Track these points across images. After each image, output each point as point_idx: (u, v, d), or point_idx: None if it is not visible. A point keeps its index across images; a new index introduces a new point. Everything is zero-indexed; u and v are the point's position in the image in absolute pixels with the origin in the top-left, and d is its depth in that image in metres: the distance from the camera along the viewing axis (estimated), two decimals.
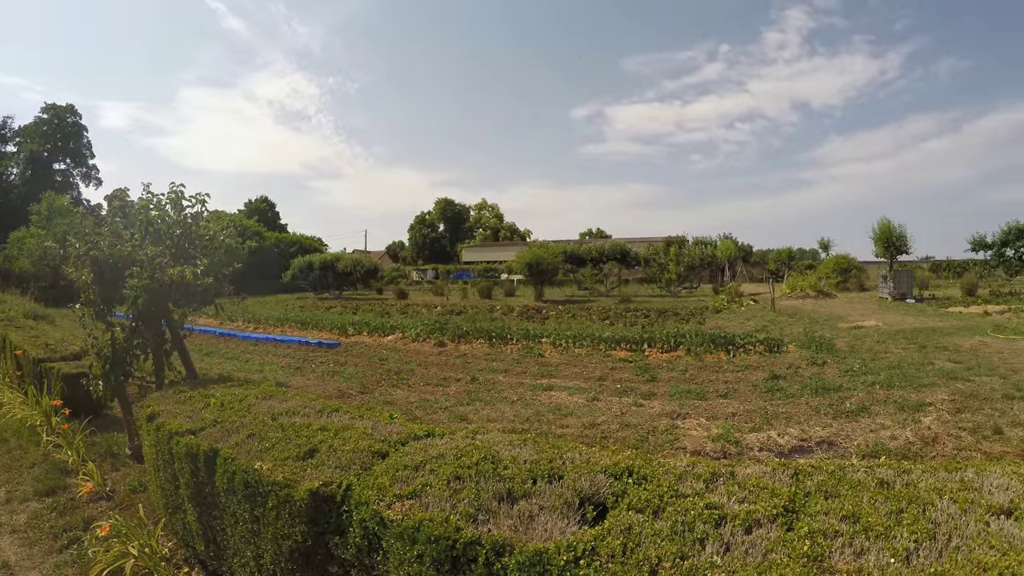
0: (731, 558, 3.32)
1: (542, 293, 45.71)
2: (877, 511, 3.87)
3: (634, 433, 10.93)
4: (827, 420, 11.74)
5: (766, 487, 4.17)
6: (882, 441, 10.51)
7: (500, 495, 4.16)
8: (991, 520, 3.91)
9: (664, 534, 3.52)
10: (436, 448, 5.12)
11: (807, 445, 10.51)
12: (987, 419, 11.70)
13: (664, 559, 3.29)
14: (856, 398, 13.28)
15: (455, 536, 3.75)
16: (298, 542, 4.89)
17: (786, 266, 71.91)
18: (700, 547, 3.43)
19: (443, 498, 4.16)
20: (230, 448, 5.78)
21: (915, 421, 11.59)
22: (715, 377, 15.82)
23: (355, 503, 4.52)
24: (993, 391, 13.90)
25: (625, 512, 3.84)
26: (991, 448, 10.28)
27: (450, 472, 4.52)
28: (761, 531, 3.62)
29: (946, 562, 3.37)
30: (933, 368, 16.48)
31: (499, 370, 17.28)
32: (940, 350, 19.50)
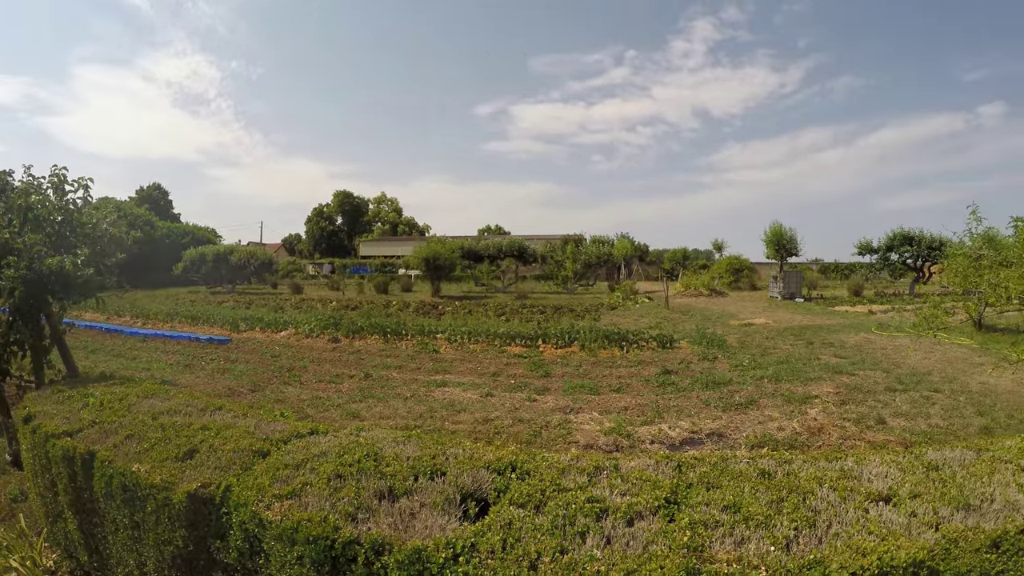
0: (611, 551, 3.29)
1: (439, 289, 45.40)
2: (758, 501, 3.91)
3: (527, 428, 10.92)
4: (717, 413, 11.95)
5: (649, 479, 4.17)
6: (770, 432, 10.75)
7: (381, 493, 4.07)
8: (870, 507, 3.98)
9: (545, 528, 3.48)
10: (319, 446, 4.99)
11: (697, 437, 10.65)
12: (870, 410, 12.15)
13: (544, 554, 3.24)
14: (745, 391, 13.59)
15: (334, 536, 3.64)
16: (180, 548, 4.70)
17: (681, 265, 73.11)
18: (581, 540, 3.40)
19: (323, 497, 4.04)
20: (108, 450, 5.53)
21: (802, 413, 11.92)
22: (608, 372, 15.93)
23: (234, 505, 4.36)
24: (876, 384, 14.38)
25: (507, 507, 3.79)
26: (874, 437, 10.60)
27: (331, 470, 4.40)
28: (643, 523, 3.61)
29: (825, 548, 3.42)
30: (820, 363, 16.97)
31: (393, 366, 17.11)
32: (826, 346, 20.10)
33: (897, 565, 3.42)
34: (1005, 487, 4.52)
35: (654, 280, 66.39)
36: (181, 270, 53.34)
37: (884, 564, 3.38)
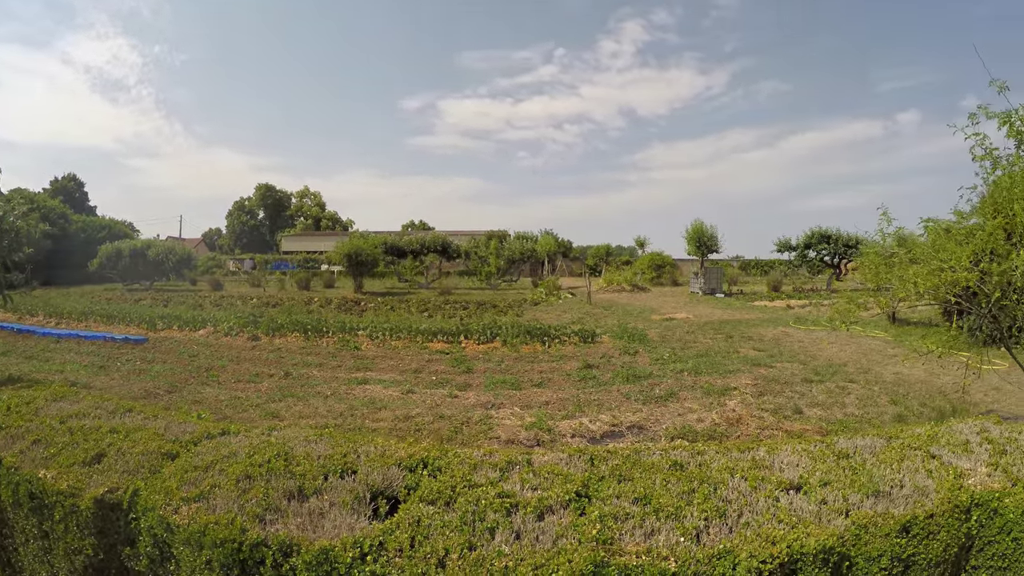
0: (520, 546, 3.27)
1: (361, 285, 44.89)
2: (669, 492, 3.92)
3: (448, 424, 10.86)
4: (637, 406, 12.03)
5: (561, 473, 4.16)
6: (689, 424, 10.86)
7: (291, 493, 4.00)
8: (781, 495, 4.03)
9: (454, 525, 3.44)
10: (229, 447, 4.88)
11: (618, 430, 10.69)
12: (788, 401, 12.41)
13: (452, 550, 3.21)
14: (665, 384, 13.72)
15: (241, 538, 3.56)
16: (90, 556, 4.54)
17: (604, 262, 73.75)
18: (490, 536, 3.37)
19: (231, 499, 3.95)
20: (14, 456, 5.32)
21: (721, 404, 12.08)
22: (530, 367, 15.94)
23: (142, 509, 4.23)
24: (793, 375, 14.67)
25: (417, 504, 3.75)
26: (792, 427, 10.79)
27: (240, 471, 4.30)
28: (553, 517, 3.60)
29: (735, 538, 3.44)
30: (739, 356, 17.24)
31: (314, 364, 16.86)
32: (745, 340, 20.46)
33: (807, 552, 3.46)
34: (914, 473, 4.62)
35: (578, 276, 66.71)
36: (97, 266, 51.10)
37: (794, 552, 3.43)
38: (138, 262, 50.94)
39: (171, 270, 53.46)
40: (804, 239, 52.23)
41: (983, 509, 4.53)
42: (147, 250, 51.33)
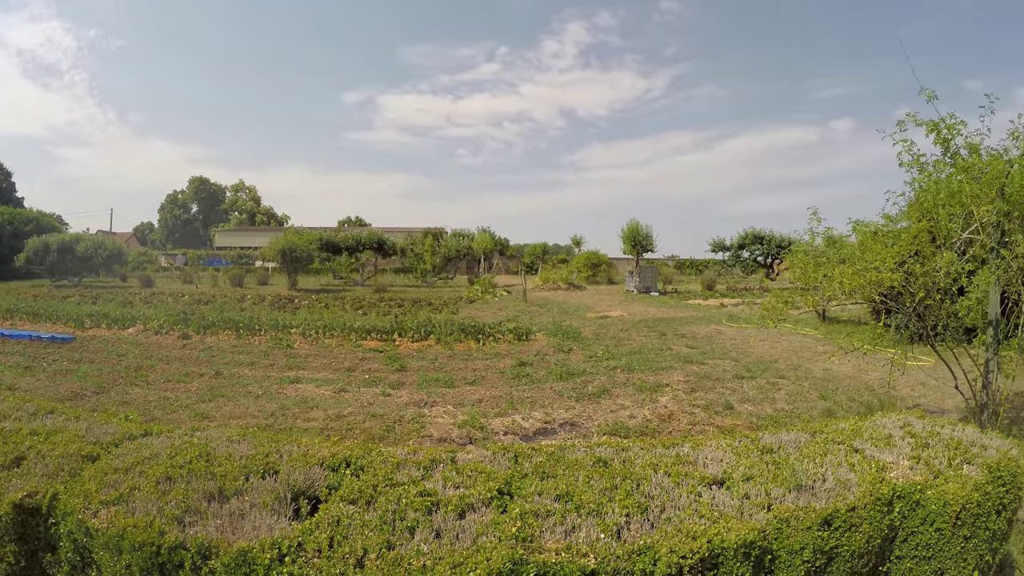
0: (440, 545, 3.25)
1: (296, 282, 44.35)
2: (592, 489, 3.93)
3: (380, 423, 10.77)
4: (571, 403, 12.07)
5: (484, 471, 4.15)
6: (622, 420, 10.91)
7: (211, 494, 3.92)
8: (703, 491, 4.07)
9: (373, 524, 3.41)
10: (151, 448, 4.78)
11: (551, 427, 10.70)
12: (719, 397, 12.60)
13: (371, 550, 3.17)
14: (598, 381, 13.79)
15: (160, 541, 3.48)
16: (11, 564, 4.40)
17: (541, 260, 74.17)
18: (409, 535, 3.34)
19: (150, 501, 3.86)
20: None
21: (653, 401, 12.18)
22: (464, 365, 15.89)
23: (62, 514, 4.11)
24: (725, 372, 14.88)
25: (337, 504, 3.70)
26: (723, 422, 10.92)
27: (161, 473, 4.21)
28: (475, 515, 3.58)
29: (656, 534, 3.46)
30: (671, 353, 17.42)
31: (246, 363, 16.61)
32: (679, 337, 20.69)
33: (728, 547, 3.49)
34: (837, 467, 4.69)
35: (514, 274, 66.92)
36: (23, 261, 49.17)
37: (714, 546, 3.45)
38: (66, 257, 49.13)
39: (101, 266, 51.78)
40: (738, 240, 53.42)
41: (905, 501, 4.63)
42: (76, 244, 49.56)
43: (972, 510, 4.73)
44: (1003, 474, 5.06)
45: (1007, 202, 9.20)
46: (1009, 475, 5.10)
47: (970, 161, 9.47)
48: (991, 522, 4.89)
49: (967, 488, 4.73)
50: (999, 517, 4.99)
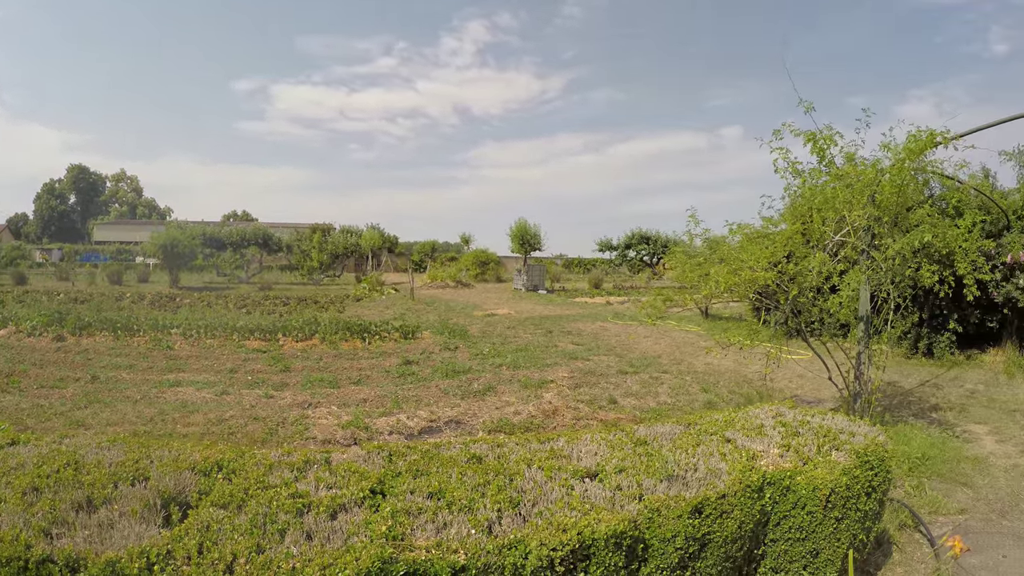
0: (310, 547, 3.22)
1: (178, 279, 42.96)
2: (464, 485, 3.95)
3: (263, 427, 10.56)
4: (456, 401, 12.08)
5: (357, 471, 4.13)
6: (506, 417, 10.97)
7: (79, 504, 3.79)
8: (576, 484, 4.13)
9: (244, 529, 3.35)
10: (17, 457, 4.59)
11: (436, 425, 10.68)
12: (603, 392, 12.79)
13: (240, 555, 3.12)
14: (484, 379, 13.83)
15: (26, 555, 3.33)
16: None
17: (430, 258, 74.17)
18: (280, 538, 3.30)
19: (16, 513, 3.70)
20: None
21: (538, 397, 12.30)
22: (349, 364, 15.72)
23: None
24: (609, 368, 15.11)
25: (208, 509, 3.63)
26: (607, 416, 11.09)
27: (27, 483, 4.04)
28: (347, 516, 3.56)
29: (527, 528, 3.49)
30: (557, 350, 17.60)
31: (124, 366, 16.06)
32: (565, 334, 20.94)
33: (598, 538, 3.55)
34: (709, 457, 4.83)
35: (403, 272, 66.79)
36: None
37: (585, 538, 3.51)
38: None
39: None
40: (625, 240, 54.56)
41: (776, 487, 4.80)
42: None
43: (841, 493, 4.94)
44: (870, 458, 5.30)
45: (878, 208, 9.76)
46: (877, 459, 5.34)
47: (844, 169, 9.97)
48: (861, 503, 5.13)
49: (835, 473, 4.94)
50: (869, 499, 5.23)
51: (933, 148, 9.66)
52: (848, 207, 9.73)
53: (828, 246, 9.98)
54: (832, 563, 5.00)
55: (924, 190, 16.58)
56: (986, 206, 16.89)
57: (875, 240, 9.95)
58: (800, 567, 4.95)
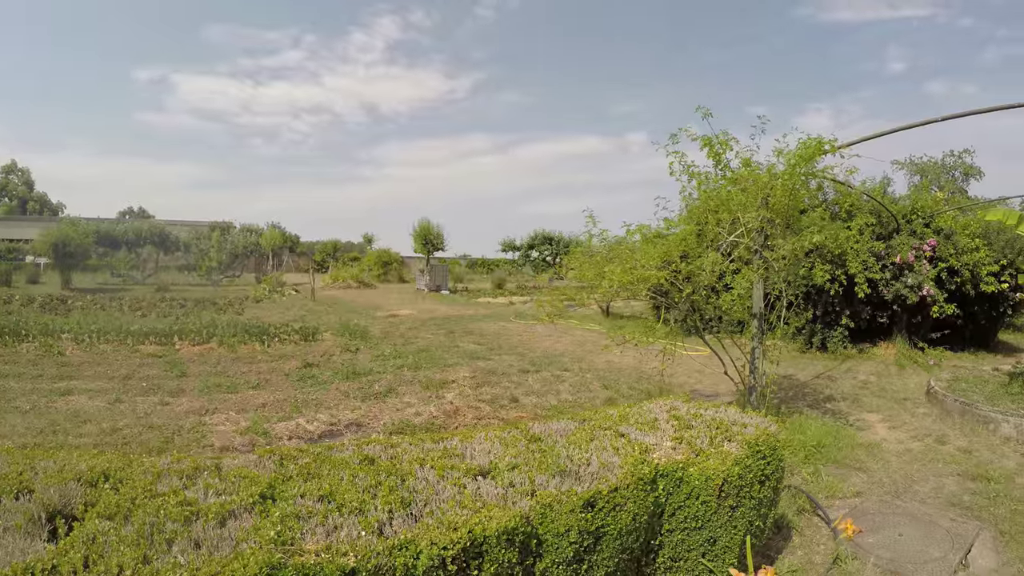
0: (198, 555, 3.15)
1: (70, 280, 41.24)
2: (356, 487, 3.93)
3: (159, 435, 10.28)
4: (356, 403, 11.96)
5: (248, 476, 4.07)
6: (407, 418, 10.94)
7: None
8: (468, 482, 4.15)
9: (130, 540, 3.26)
10: None
11: (336, 429, 10.57)
12: (505, 391, 12.87)
13: (126, 566, 3.03)
14: (385, 380, 13.74)
15: None
16: None
17: (332, 258, 73.48)
18: (167, 548, 3.23)
19: None
20: None
21: (439, 398, 12.30)
22: (248, 368, 15.43)
23: None
24: (511, 367, 15.20)
25: (94, 521, 3.52)
26: (508, 415, 11.19)
27: None
28: (236, 522, 3.51)
29: (417, 528, 3.49)
30: (459, 350, 17.65)
31: (12, 374, 15.41)
32: (467, 334, 21.00)
33: (489, 535, 3.58)
34: (602, 451, 4.91)
35: (305, 272, 65.90)
36: None
37: (476, 536, 3.53)
38: None
39: None
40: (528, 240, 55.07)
41: (668, 479, 4.91)
42: None
43: (734, 482, 5.10)
44: (762, 448, 5.46)
45: (770, 210, 10.10)
46: (768, 449, 5.51)
47: (739, 173, 10.30)
48: (755, 491, 5.30)
49: (727, 463, 5.08)
50: (763, 487, 5.40)
51: (822, 155, 10.06)
52: (742, 209, 10.08)
53: (722, 247, 10.25)
54: (730, 549, 5.15)
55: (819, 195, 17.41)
56: (877, 210, 17.78)
57: (768, 241, 10.27)
58: (699, 555, 5.07)
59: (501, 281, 50.14)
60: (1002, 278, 17.21)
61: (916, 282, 17.42)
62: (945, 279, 17.99)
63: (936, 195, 20.98)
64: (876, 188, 21.64)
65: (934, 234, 18.27)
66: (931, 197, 20.30)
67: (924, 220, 18.66)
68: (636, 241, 10.77)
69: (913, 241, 17.80)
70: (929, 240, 17.90)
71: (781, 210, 10.12)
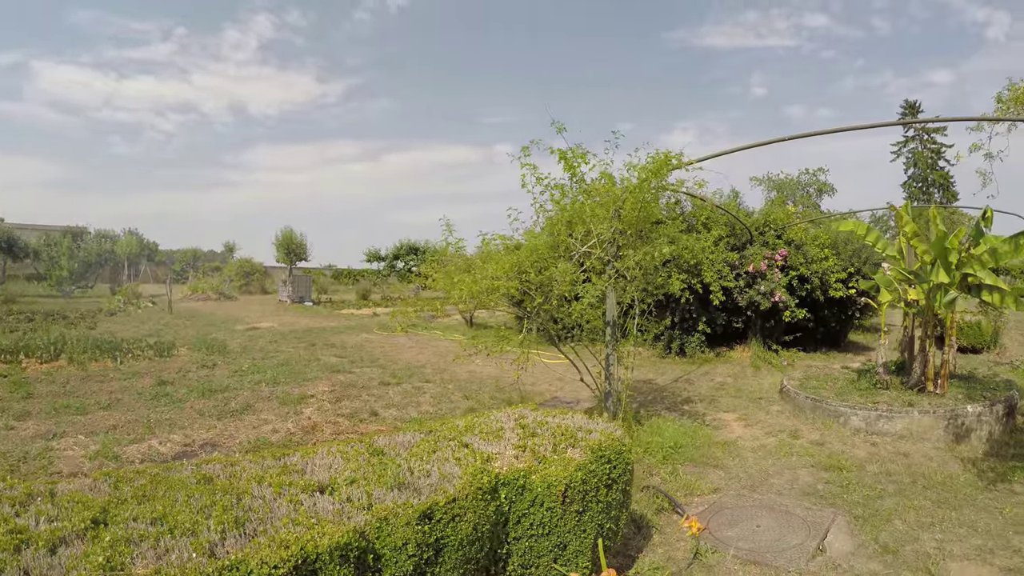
0: None
1: None
2: (190, 508, 3.86)
3: (2, 463, 9.77)
4: (212, 422, 11.62)
5: (81, 501, 3.95)
6: (264, 436, 10.71)
7: None
8: (305, 498, 4.10)
9: None
10: None
11: (191, 450, 10.26)
12: (364, 404, 12.76)
13: None
14: (242, 397, 13.41)
15: None
16: None
17: (192, 267, 71.54)
18: None
19: None
20: None
21: (297, 414, 12.07)
22: (99, 388, 14.74)
23: None
24: (371, 379, 15.11)
25: None
26: (367, 429, 11.09)
27: None
28: (66, 549, 3.40)
29: (249, 547, 3.43)
30: (319, 363, 17.40)
31: None
32: (328, 347, 20.74)
33: (322, 552, 3.54)
34: (444, 462, 4.92)
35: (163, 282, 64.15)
36: None
37: (308, 552, 3.48)
38: None
39: None
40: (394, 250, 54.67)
41: (510, 487, 4.96)
42: None
43: (578, 487, 5.17)
44: (606, 453, 5.57)
45: (622, 222, 10.38)
46: (614, 453, 5.62)
47: (592, 186, 10.54)
48: (602, 495, 5.40)
49: (570, 469, 5.15)
50: (611, 490, 5.52)
51: (670, 169, 10.39)
52: (595, 220, 10.34)
53: (575, 256, 10.43)
54: (582, 553, 5.22)
55: (677, 208, 18.14)
56: (732, 223, 18.58)
57: (619, 251, 10.51)
58: (550, 560, 5.13)
59: (366, 292, 49.70)
60: (850, 284, 18.06)
61: (768, 289, 18.23)
62: (796, 286, 18.96)
63: (788, 209, 21.98)
64: (731, 202, 22.61)
65: (785, 245, 19.18)
66: (783, 210, 21.29)
67: (776, 232, 19.54)
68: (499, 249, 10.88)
69: (765, 251, 18.58)
70: (780, 250, 18.73)
71: (632, 221, 10.40)
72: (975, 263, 11.28)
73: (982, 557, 6.68)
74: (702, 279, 11.36)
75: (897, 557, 6.68)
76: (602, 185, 10.38)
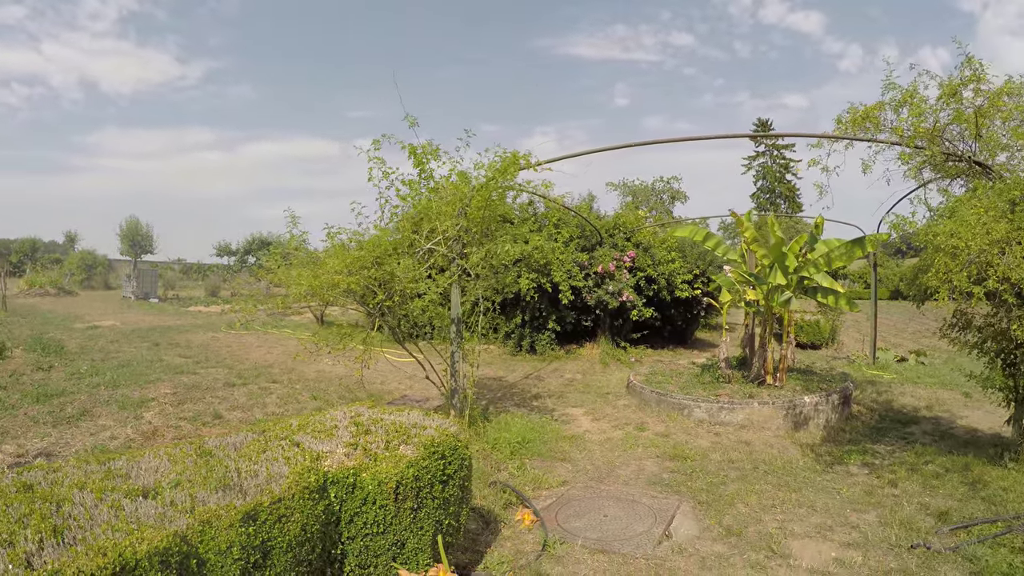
0: None
1: None
2: (8, 517, 3.74)
3: None
4: (47, 429, 11.03)
5: None
6: (102, 442, 10.31)
7: None
8: (127, 503, 4.02)
9: None
10: None
11: (24, 460, 9.70)
12: (208, 406, 12.46)
13: None
14: (80, 401, 12.79)
15: None
16: None
17: (30, 259, 68.16)
18: None
19: None
20: None
21: (137, 418, 11.66)
22: None
23: None
24: (216, 380, 14.76)
25: None
26: (210, 432, 10.79)
27: None
28: None
29: (66, 555, 3.35)
30: (162, 364, 16.85)
31: None
32: (173, 347, 20.14)
33: (140, 558, 3.46)
34: (273, 462, 4.86)
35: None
36: None
37: (127, 560, 3.40)
38: None
39: None
40: (245, 245, 53.34)
41: (340, 486, 4.95)
42: None
43: (410, 485, 5.18)
44: (440, 449, 5.62)
45: (468, 219, 10.46)
46: (448, 449, 5.69)
47: (439, 183, 10.62)
48: (437, 492, 5.44)
49: (401, 466, 5.17)
50: (447, 486, 5.57)
51: (518, 169, 10.50)
52: (441, 218, 10.37)
53: (419, 253, 10.43)
54: (421, 550, 5.25)
55: (530, 208, 18.43)
56: (583, 224, 19.04)
57: (464, 249, 10.56)
58: (389, 559, 5.12)
59: (215, 288, 48.30)
60: (695, 285, 18.65)
61: (616, 289, 18.72)
62: (643, 286, 19.65)
63: (639, 213, 22.61)
64: (584, 204, 23.13)
65: (634, 247, 19.74)
66: (634, 214, 21.92)
67: (626, 234, 20.08)
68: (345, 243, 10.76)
69: (614, 253, 19.07)
70: (629, 252, 19.25)
71: (478, 219, 10.49)
72: (811, 267, 11.91)
73: (822, 534, 7.10)
74: (552, 278, 11.57)
75: (741, 538, 7.02)
76: (450, 182, 10.43)
